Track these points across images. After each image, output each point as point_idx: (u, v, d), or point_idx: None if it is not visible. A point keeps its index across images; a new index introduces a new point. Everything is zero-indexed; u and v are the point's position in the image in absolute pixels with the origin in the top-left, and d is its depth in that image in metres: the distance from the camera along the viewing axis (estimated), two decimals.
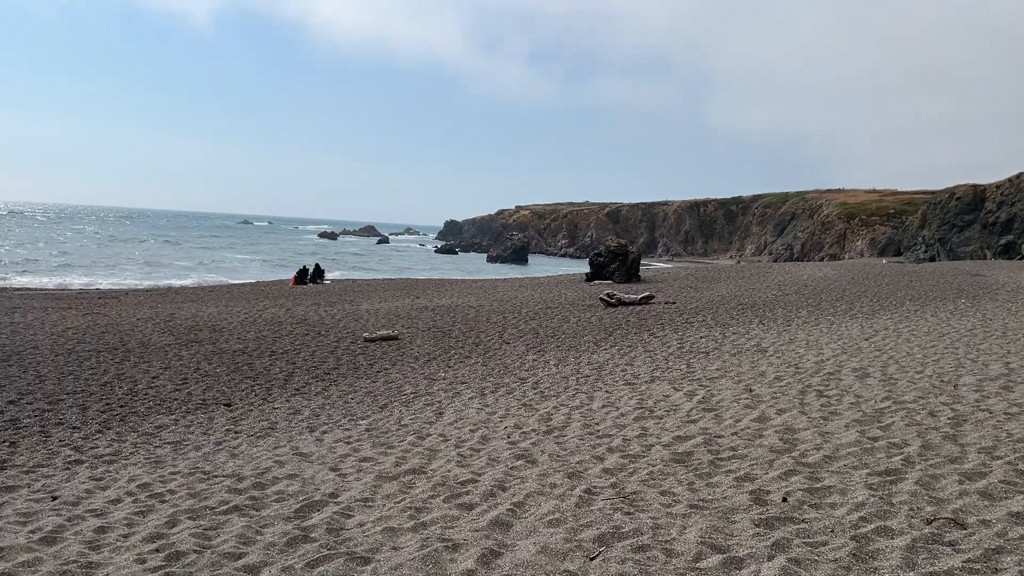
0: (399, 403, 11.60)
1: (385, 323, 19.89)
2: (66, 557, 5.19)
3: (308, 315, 21.55)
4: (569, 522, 5.23)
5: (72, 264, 56.35)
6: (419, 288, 34.37)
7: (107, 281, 44.22)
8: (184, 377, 13.64)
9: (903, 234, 66.30)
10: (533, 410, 9.90)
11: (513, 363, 14.53)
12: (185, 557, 5.03)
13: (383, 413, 10.88)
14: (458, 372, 13.97)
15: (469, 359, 15.25)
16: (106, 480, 7.70)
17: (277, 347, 16.52)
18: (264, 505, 6.25)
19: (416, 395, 12.14)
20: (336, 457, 7.97)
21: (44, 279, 43.55)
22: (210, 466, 8.01)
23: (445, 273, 62.49)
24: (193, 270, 56.98)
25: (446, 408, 10.78)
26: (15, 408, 11.40)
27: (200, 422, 10.91)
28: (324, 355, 15.81)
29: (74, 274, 48.04)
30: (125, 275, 49.34)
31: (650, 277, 36.02)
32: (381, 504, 6.07)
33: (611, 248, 35.43)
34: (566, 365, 13.88)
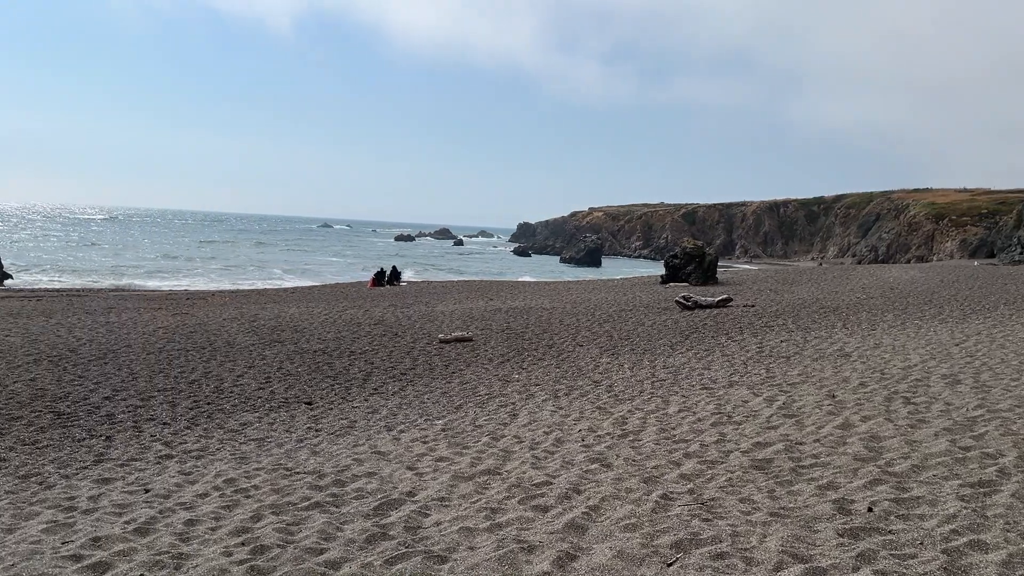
0: (473, 404, 11.70)
1: (459, 324, 20.09)
2: (158, 548, 5.41)
3: (385, 316, 21.94)
4: (645, 527, 5.18)
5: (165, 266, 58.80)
6: (493, 290, 34.59)
7: (194, 283, 45.96)
8: (267, 376, 14.07)
9: (996, 235, 63.25)
10: (607, 413, 9.84)
11: (587, 366, 14.48)
12: (269, 551, 5.18)
13: (458, 413, 11.00)
14: (532, 374, 14.00)
15: (543, 361, 15.27)
16: (194, 475, 8.00)
17: (356, 347, 16.87)
18: (344, 502, 6.39)
19: (490, 396, 12.22)
20: (413, 456, 8.09)
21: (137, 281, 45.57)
22: (292, 463, 8.24)
23: (518, 275, 62.70)
24: (276, 272, 58.73)
25: (520, 410, 10.82)
26: (110, 404, 11.96)
27: (283, 420, 11.23)
28: (401, 355, 16.07)
29: (164, 276, 50.10)
30: (211, 277, 51.19)
31: (727, 279, 35.36)
32: (457, 504, 6.14)
33: (687, 250, 34.94)
34: (641, 368, 13.75)
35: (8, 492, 7.88)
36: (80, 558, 5.26)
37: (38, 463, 9.19)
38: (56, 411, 11.51)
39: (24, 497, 7.56)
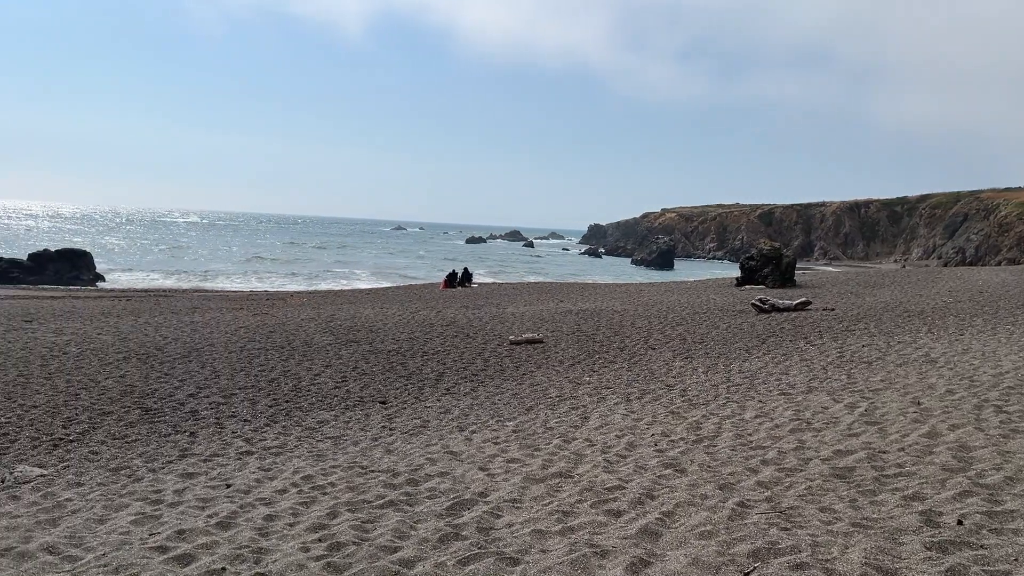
0: (544, 406, 11.69)
1: (530, 326, 20.11)
2: (239, 542, 5.57)
3: (457, 318, 22.13)
4: (721, 535, 5.08)
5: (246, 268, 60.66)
6: (563, 292, 34.51)
7: (273, 284, 47.26)
8: (343, 375, 14.35)
9: None
10: (681, 418, 9.69)
11: (659, 369, 14.30)
12: (345, 548, 5.28)
13: (529, 415, 11.00)
14: (603, 377, 13.91)
15: (614, 364, 15.15)
16: (273, 471, 8.21)
17: (428, 348, 17.07)
18: (417, 501, 6.46)
19: (561, 399, 12.19)
20: (485, 457, 8.12)
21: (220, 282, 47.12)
22: (367, 461, 8.38)
23: (589, 277, 62.41)
24: (352, 273, 59.93)
25: (591, 413, 10.75)
26: (194, 401, 12.40)
27: (358, 418, 11.44)
28: (472, 357, 16.18)
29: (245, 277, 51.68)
30: (290, 278, 52.57)
31: (806, 282, 34.44)
32: (529, 506, 6.13)
33: (764, 251, 34.17)
34: (716, 373, 13.50)
35: (99, 484, 8.24)
36: (166, 550, 5.46)
37: (127, 457, 9.59)
38: (144, 407, 12.00)
39: (114, 489, 7.89)
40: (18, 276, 39.98)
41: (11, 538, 6.07)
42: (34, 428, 10.85)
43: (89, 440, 10.39)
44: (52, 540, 5.91)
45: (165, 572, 5.02)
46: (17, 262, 41.89)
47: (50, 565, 5.35)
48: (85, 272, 43.36)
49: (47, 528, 6.38)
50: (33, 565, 5.36)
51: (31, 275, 40.40)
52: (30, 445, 10.15)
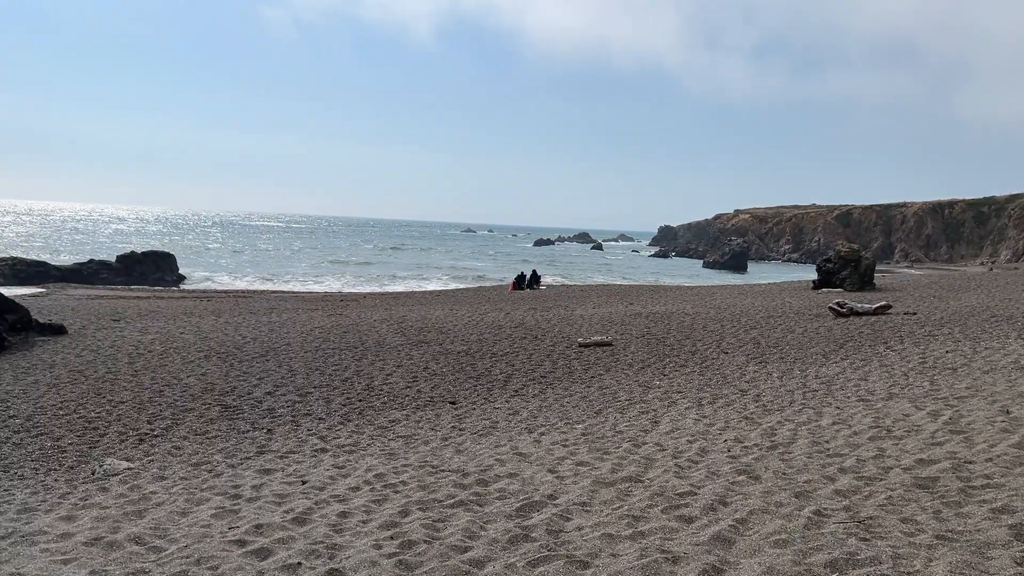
0: (614, 409, 11.61)
1: (599, 329, 20.00)
2: (314, 537, 5.71)
3: (525, 319, 22.17)
4: (797, 543, 4.95)
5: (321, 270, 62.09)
6: (632, 294, 34.23)
7: (347, 285, 48.24)
8: (414, 375, 14.55)
9: None
10: (755, 424, 9.50)
11: (732, 374, 14.04)
12: (416, 546, 5.35)
13: (598, 418, 10.94)
14: (673, 381, 13.73)
15: (685, 368, 14.94)
16: (347, 468, 8.38)
17: (497, 349, 17.15)
18: (487, 502, 6.50)
19: (631, 402, 12.09)
20: (554, 459, 8.12)
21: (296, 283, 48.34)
22: (437, 460, 8.47)
23: (659, 279, 61.73)
24: (422, 275, 60.72)
25: (662, 417, 10.63)
26: (272, 399, 12.75)
27: (428, 418, 11.58)
28: (540, 358, 16.19)
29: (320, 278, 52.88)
30: (363, 279, 53.57)
31: (886, 285, 33.34)
32: (599, 509, 6.10)
33: (842, 253, 33.20)
34: (791, 378, 13.18)
35: (182, 478, 8.55)
36: (244, 543, 5.63)
37: (207, 452, 9.93)
38: (224, 404, 12.40)
39: (196, 483, 8.18)
40: (107, 277, 41.81)
41: (100, 528, 6.36)
42: (121, 423, 11.33)
43: (172, 435, 10.80)
44: (138, 531, 6.17)
45: (243, 565, 5.18)
46: (106, 264, 43.82)
47: (137, 555, 5.58)
48: (169, 273, 45.07)
49: (134, 519, 6.65)
50: (121, 555, 5.59)
51: (119, 276, 42.19)
52: (118, 439, 10.60)
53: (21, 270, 39.63)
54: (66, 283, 39.31)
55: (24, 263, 41.36)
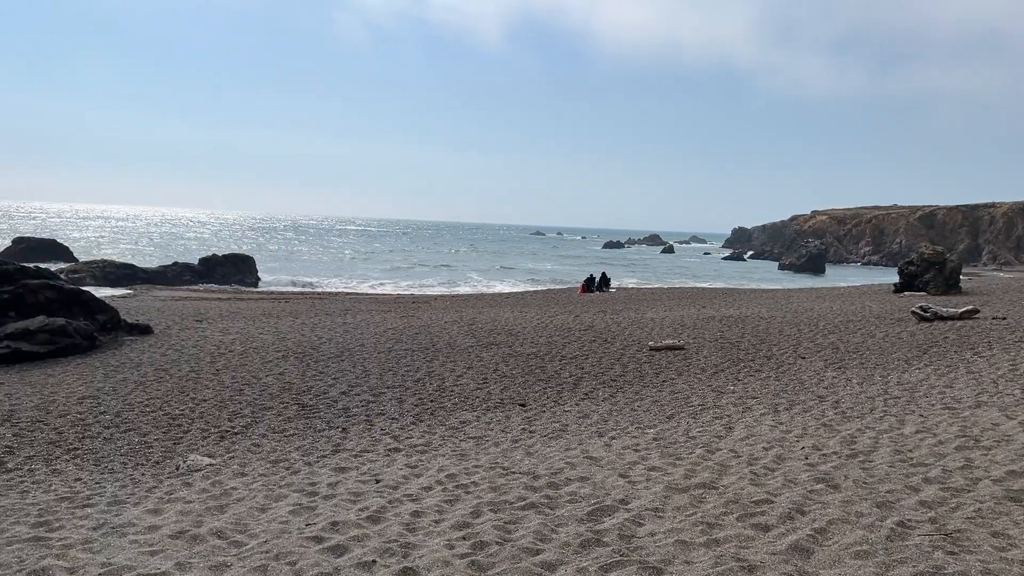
0: (686, 414, 11.45)
1: (670, 332, 19.75)
2: (388, 536, 5.79)
3: (595, 322, 22.06)
4: (879, 556, 4.79)
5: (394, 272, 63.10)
6: (705, 297, 33.70)
7: (418, 286, 48.87)
8: (484, 377, 14.64)
9: None
10: (834, 431, 9.23)
11: (810, 380, 13.68)
12: (488, 547, 5.37)
13: (670, 423, 10.81)
14: (748, 386, 13.46)
15: (760, 373, 14.63)
16: (419, 468, 8.49)
17: (567, 352, 17.11)
18: (558, 505, 6.48)
19: (704, 407, 11.90)
20: (625, 464, 8.05)
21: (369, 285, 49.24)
22: (508, 462, 8.50)
23: (732, 282, 60.61)
24: (491, 277, 61.08)
25: (736, 423, 10.43)
26: (347, 398, 13.01)
27: (498, 420, 11.63)
28: (611, 362, 16.08)
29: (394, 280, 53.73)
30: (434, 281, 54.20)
31: (972, 288, 31.97)
32: (671, 515, 6.02)
33: (925, 256, 32.00)
34: (871, 384, 12.77)
35: (261, 475, 8.80)
36: (321, 540, 5.75)
37: (285, 450, 10.20)
38: (301, 403, 12.71)
39: (274, 480, 8.41)
40: (190, 279, 43.39)
41: (185, 522, 6.59)
42: (204, 420, 11.74)
43: (252, 433, 11.13)
44: (220, 525, 6.37)
45: (320, 561, 5.29)
46: (189, 266, 45.47)
47: (218, 549, 5.77)
48: (248, 275, 46.47)
49: (215, 514, 6.87)
50: (204, 548, 5.79)
51: (201, 278, 43.75)
52: (200, 436, 10.99)
53: (110, 272, 41.49)
54: (152, 284, 40.94)
55: (113, 265, 43.29)
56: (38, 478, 9.12)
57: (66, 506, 7.59)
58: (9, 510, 7.50)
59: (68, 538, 6.25)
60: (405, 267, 70.37)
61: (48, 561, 5.58)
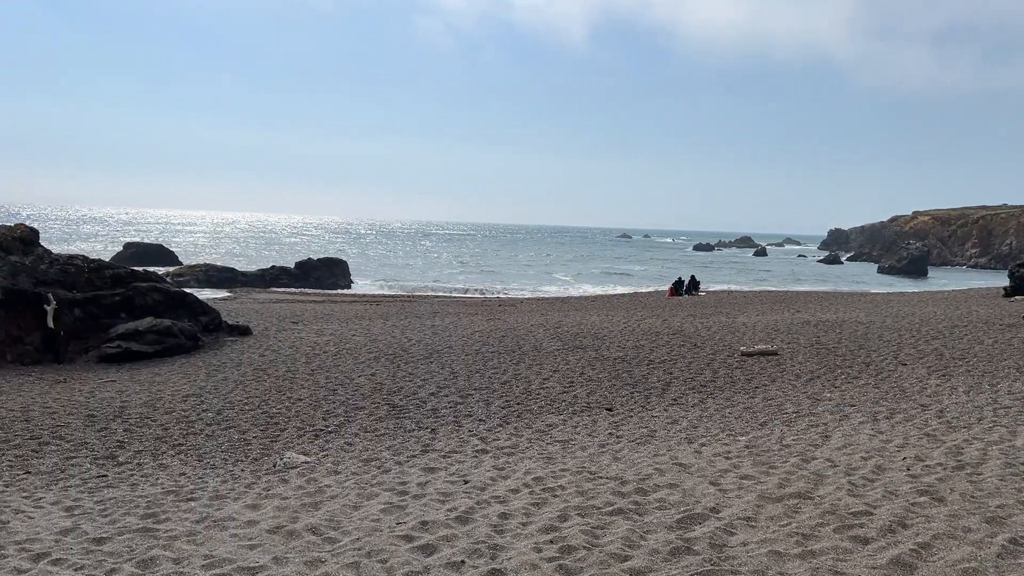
0: (780, 422, 11.13)
1: (763, 337, 19.25)
2: (476, 537, 5.85)
3: (684, 326, 21.71)
4: (990, 574, 4.55)
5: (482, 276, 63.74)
6: (799, 301, 32.71)
7: (504, 290, 49.19)
8: (571, 381, 14.60)
9: None
10: (938, 441, 8.80)
11: (912, 387, 13.09)
12: (576, 552, 5.36)
13: (763, 431, 10.53)
14: (845, 393, 12.99)
15: (858, 380, 14.09)
16: (507, 470, 8.53)
17: (654, 356, 16.90)
18: (646, 511, 6.41)
19: (798, 415, 11.54)
20: (716, 471, 7.89)
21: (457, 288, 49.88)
22: (595, 467, 8.45)
23: (829, 285, 58.62)
24: (578, 280, 60.94)
25: (833, 431, 10.07)
26: (435, 399, 13.20)
27: (585, 424, 11.58)
28: (700, 367, 15.79)
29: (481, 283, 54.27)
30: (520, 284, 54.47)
31: None
32: (764, 525, 5.87)
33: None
34: (979, 393, 12.12)
35: (353, 473, 9.03)
36: (411, 539, 5.85)
37: (376, 449, 10.43)
38: (391, 403, 12.98)
39: (366, 479, 8.61)
40: (286, 282, 44.95)
41: (281, 517, 6.82)
42: (299, 419, 12.13)
43: (345, 432, 11.43)
44: (315, 522, 6.56)
45: (411, 560, 5.39)
46: (286, 270, 47.12)
47: (313, 544, 5.94)
48: (342, 278, 47.80)
49: (311, 511, 7.08)
50: (300, 543, 5.97)
51: (297, 281, 45.25)
52: (296, 434, 11.35)
53: (212, 275, 43.42)
54: (251, 287, 42.56)
55: (215, 269, 45.29)
56: (146, 472, 9.61)
57: (172, 499, 7.97)
58: (120, 501, 7.93)
59: (173, 530, 6.56)
60: (491, 270, 70.93)
61: (155, 552, 5.87)
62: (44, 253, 19.43)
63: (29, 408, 12.66)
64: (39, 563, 5.71)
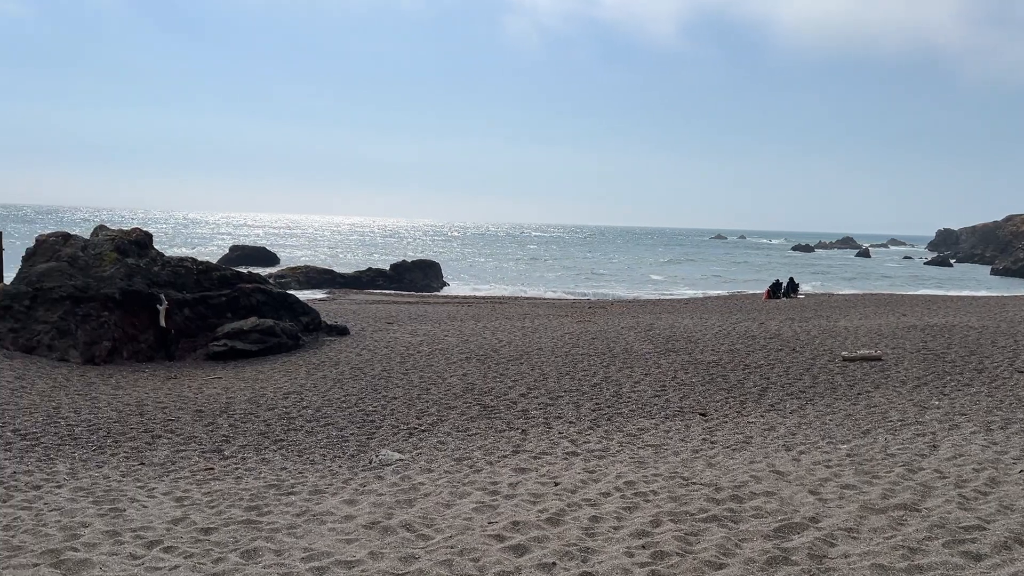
0: (884, 430, 10.68)
1: (865, 342, 18.49)
2: (567, 539, 5.84)
3: (782, 330, 21.09)
4: None
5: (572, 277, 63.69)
6: (905, 304, 31.29)
7: (593, 292, 48.97)
8: (663, 384, 14.40)
9: None
10: None
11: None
12: (668, 558, 5.28)
13: (866, 439, 10.13)
14: (955, 401, 12.35)
15: (970, 387, 13.37)
16: (597, 473, 8.48)
17: (750, 361, 16.48)
18: (742, 519, 6.26)
19: (904, 423, 11.05)
20: (815, 480, 7.63)
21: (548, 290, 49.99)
22: (688, 472, 8.31)
23: (937, 288, 55.87)
24: (669, 282, 60.07)
25: (941, 441, 9.60)
26: (525, 400, 13.26)
27: (678, 429, 11.40)
28: (799, 372, 15.31)
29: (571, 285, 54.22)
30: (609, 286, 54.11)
31: None
32: (867, 537, 5.64)
33: None
34: None
35: (446, 472, 9.16)
36: (502, 539, 5.90)
37: (468, 448, 10.55)
38: (482, 404, 13.11)
39: (458, 478, 8.72)
40: (382, 284, 46.08)
41: (377, 513, 6.99)
42: (394, 417, 12.39)
43: (438, 431, 11.62)
44: (409, 518, 6.70)
45: (502, 559, 5.43)
46: (382, 272, 48.32)
47: (408, 541, 6.06)
48: (435, 280, 48.65)
49: (405, 507, 7.23)
50: (395, 539, 6.11)
51: (392, 283, 46.32)
52: (391, 432, 11.61)
53: (312, 277, 44.92)
54: (348, 289, 43.77)
55: (315, 271, 46.83)
56: (250, 466, 10.01)
57: (273, 493, 8.27)
58: (226, 494, 8.29)
59: (275, 523, 6.82)
60: (581, 272, 70.71)
61: (259, 543, 6.11)
62: (157, 255, 20.50)
63: (143, 402, 13.38)
64: (152, 550, 6.04)
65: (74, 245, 19.34)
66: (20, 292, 17.82)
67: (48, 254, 19.06)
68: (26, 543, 6.23)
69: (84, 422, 11.95)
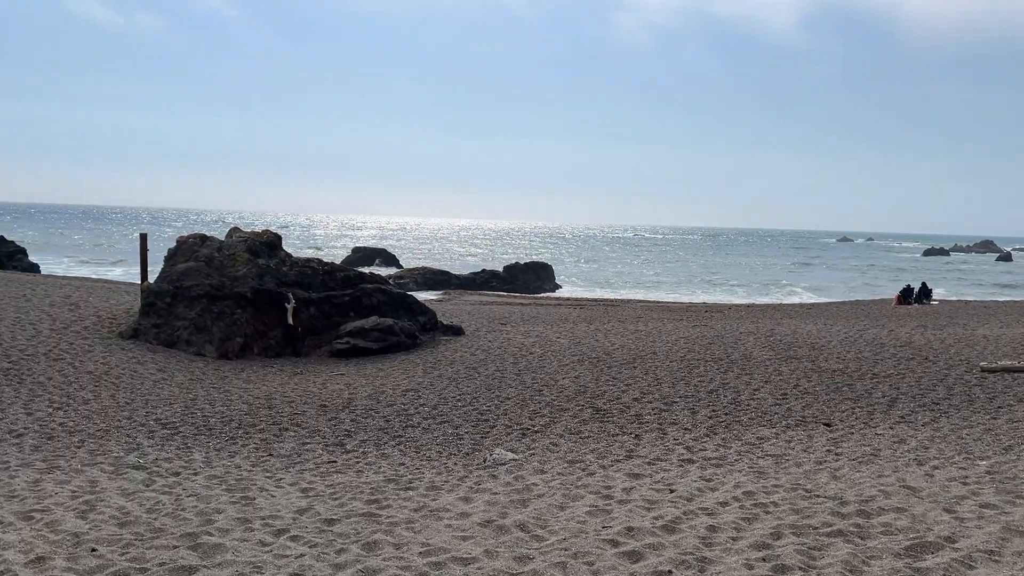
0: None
1: (1008, 352, 17.26)
2: (683, 547, 5.74)
3: (913, 338, 19.96)
4: None
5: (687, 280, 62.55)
6: None
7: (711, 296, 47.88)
8: (784, 392, 13.92)
9: None
10: None
11: None
12: (791, 572, 5.11)
13: (1008, 456, 9.45)
14: None
15: None
16: (714, 482, 8.29)
17: (878, 370, 15.69)
18: (870, 535, 5.97)
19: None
20: (951, 497, 7.19)
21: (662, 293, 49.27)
22: (811, 484, 8.00)
23: None
24: (793, 287, 58.01)
25: None
26: (638, 405, 13.11)
27: (800, 439, 10.99)
28: (932, 383, 14.45)
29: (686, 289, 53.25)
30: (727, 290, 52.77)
31: None
32: (1011, 561, 5.27)
33: None
34: None
35: (559, 474, 9.18)
36: (617, 544, 5.86)
37: (581, 451, 10.53)
38: (594, 407, 13.05)
39: (571, 480, 8.72)
40: (495, 285, 46.76)
41: (491, 512, 7.08)
42: (507, 417, 12.52)
43: (550, 432, 11.65)
44: (523, 518, 6.75)
45: (616, 565, 5.39)
46: (495, 273, 49.07)
47: (521, 541, 6.11)
48: (547, 282, 48.94)
49: (519, 507, 7.29)
50: (509, 539, 6.17)
51: (505, 284, 46.94)
52: (504, 432, 11.73)
53: (429, 278, 46.10)
54: (463, 290, 44.60)
55: (431, 272, 48.05)
56: (370, 460, 10.35)
57: (392, 487, 8.52)
58: (348, 487, 8.60)
59: (394, 516, 7.02)
60: (697, 275, 69.28)
61: (378, 536, 6.31)
62: (285, 256, 21.49)
63: (272, 396, 14.06)
64: (279, 538, 6.34)
65: (210, 246, 20.53)
66: (162, 290, 19.09)
67: (187, 255, 20.31)
68: (167, 526, 6.67)
69: (218, 414, 12.68)
